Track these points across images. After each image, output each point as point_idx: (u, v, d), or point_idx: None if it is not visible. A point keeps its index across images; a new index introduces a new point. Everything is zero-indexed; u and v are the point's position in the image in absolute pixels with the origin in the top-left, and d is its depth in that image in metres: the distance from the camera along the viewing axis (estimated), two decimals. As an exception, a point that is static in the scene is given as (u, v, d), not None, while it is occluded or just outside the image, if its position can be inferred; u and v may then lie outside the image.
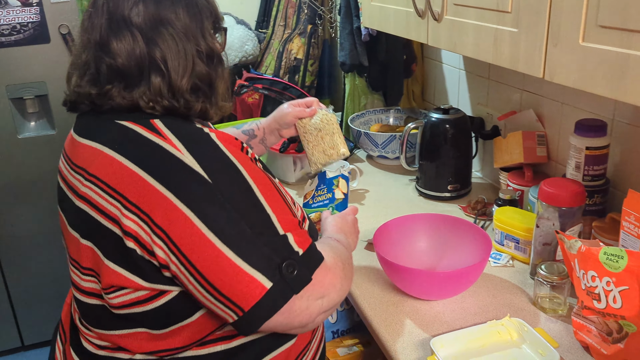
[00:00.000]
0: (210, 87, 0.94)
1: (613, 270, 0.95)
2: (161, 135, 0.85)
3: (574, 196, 1.16)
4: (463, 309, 1.18)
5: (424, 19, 1.34)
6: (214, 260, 0.80)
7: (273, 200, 0.87)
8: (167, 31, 0.89)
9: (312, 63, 2.59)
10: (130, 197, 0.82)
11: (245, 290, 0.81)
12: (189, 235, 0.80)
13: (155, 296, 0.86)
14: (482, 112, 1.74)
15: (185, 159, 0.82)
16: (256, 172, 0.87)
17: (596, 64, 0.86)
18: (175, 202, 0.80)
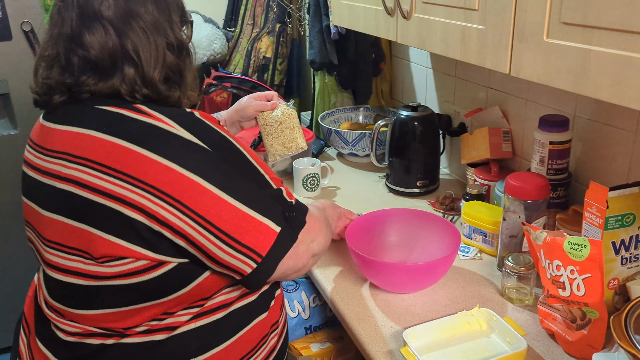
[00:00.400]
0: (180, 77, 0.98)
1: (577, 259, 0.98)
2: (149, 115, 0.89)
3: (538, 189, 1.20)
4: (434, 301, 1.20)
5: (393, 17, 1.36)
6: (230, 214, 0.88)
7: (260, 163, 0.98)
8: (137, 24, 0.92)
9: (281, 62, 2.59)
10: (131, 172, 0.85)
11: (260, 237, 0.91)
12: (201, 197, 0.86)
13: (155, 266, 0.89)
14: (450, 110, 1.78)
15: (181, 133, 0.87)
16: (240, 142, 0.97)
17: (560, 59, 0.89)
18: (181, 171, 0.85)
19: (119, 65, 0.92)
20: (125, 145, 0.86)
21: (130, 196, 0.85)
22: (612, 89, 0.81)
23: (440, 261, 1.17)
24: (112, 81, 0.92)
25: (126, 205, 0.85)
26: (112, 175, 0.85)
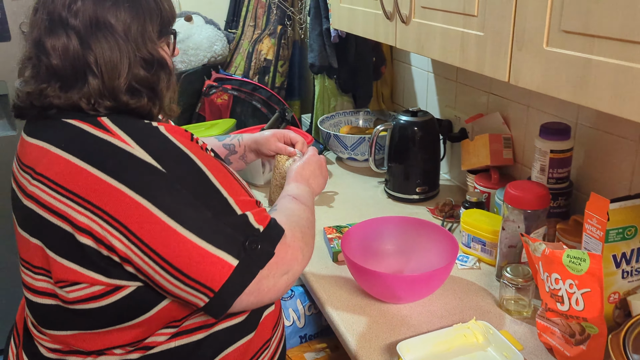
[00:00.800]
0: (152, 92, 0.92)
1: (576, 272, 0.96)
2: (108, 132, 0.84)
3: (538, 199, 1.17)
4: (430, 312, 1.18)
5: (392, 21, 1.33)
6: (178, 245, 0.81)
7: (228, 184, 0.89)
8: (103, 34, 0.87)
9: (282, 64, 2.57)
10: (81, 193, 0.81)
11: (213, 271, 0.82)
12: (149, 225, 0.80)
13: (112, 291, 0.85)
14: (450, 115, 1.75)
15: (135, 152, 0.82)
16: (208, 159, 0.88)
17: (560, 68, 0.86)
18: (130, 194, 0.80)
19: (81, 75, 0.87)
20: (78, 163, 0.82)
21: (79, 218, 0.81)
22: (612, 100, 0.78)
23: (437, 272, 1.15)
24: (72, 93, 0.87)
25: (76, 228, 0.81)
26: (65, 195, 0.82)
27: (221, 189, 0.87)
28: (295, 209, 1.03)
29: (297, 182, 1.15)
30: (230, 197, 0.87)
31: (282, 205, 1.05)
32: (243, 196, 0.90)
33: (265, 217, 0.90)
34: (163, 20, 0.94)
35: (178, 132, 0.88)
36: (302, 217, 1.01)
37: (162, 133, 0.86)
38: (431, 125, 1.63)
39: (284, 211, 1.01)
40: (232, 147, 1.40)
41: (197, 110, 2.50)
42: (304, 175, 1.18)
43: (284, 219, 0.96)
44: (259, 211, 0.90)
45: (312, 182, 1.18)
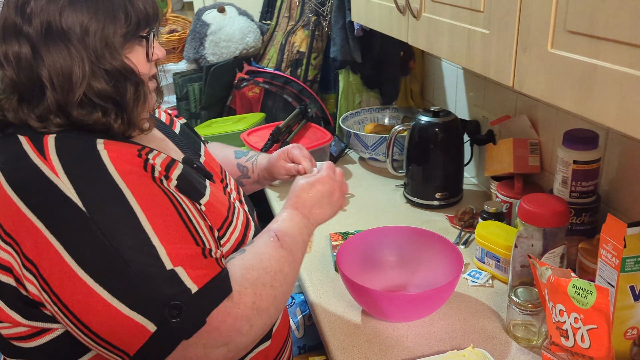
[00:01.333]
0: (116, 105, 0.81)
1: (581, 306, 0.84)
2: (44, 156, 0.75)
3: (555, 216, 1.05)
4: (429, 333, 1.09)
5: (405, 15, 1.23)
6: (88, 300, 0.70)
7: (166, 228, 0.74)
8: (54, 42, 0.76)
9: (316, 56, 2.49)
10: (5, 225, 0.74)
11: (126, 334, 0.71)
12: (58, 271, 0.71)
13: (37, 334, 0.78)
14: (479, 115, 1.63)
15: (60, 183, 0.72)
16: (150, 196, 0.75)
17: (564, 74, 0.75)
18: (44, 232, 0.71)
19: (38, 89, 0.78)
20: (7, 190, 0.74)
21: (1, 253, 0.74)
22: (619, 114, 0.67)
23: (435, 292, 1.05)
24: (30, 107, 0.78)
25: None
26: (4, 218, 0.74)
27: (152, 234, 0.73)
28: (266, 257, 0.84)
29: (294, 210, 0.94)
30: (162, 245, 0.73)
31: (254, 247, 0.86)
32: (182, 244, 0.75)
33: (207, 273, 0.75)
34: (131, 21, 0.80)
35: (125, 159, 0.77)
36: (268, 272, 0.82)
37: (100, 161, 0.75)
38: (454, 127, 1.51)
39: (250, 258, 0.83)
40: (245, 171, 1.24)
41: (228, 103, 2.47)
42: (305, 200, 0.95)
43: (240, 273, 0.79)
44: (201, 264, 0.75)
45: (314, 211, 0.95)
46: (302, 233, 0.92)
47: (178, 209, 0.78)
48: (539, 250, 1.09)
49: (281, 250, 0.86)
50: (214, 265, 0.77)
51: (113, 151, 0.77)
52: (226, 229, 0.89)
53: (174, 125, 1.07)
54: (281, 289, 0.83)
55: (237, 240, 0.91)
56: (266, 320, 0.80)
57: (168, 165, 0.82)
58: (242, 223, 0.94)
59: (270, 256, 0.84)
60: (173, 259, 0.73)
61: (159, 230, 0.74)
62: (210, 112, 2.44)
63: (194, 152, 1.03)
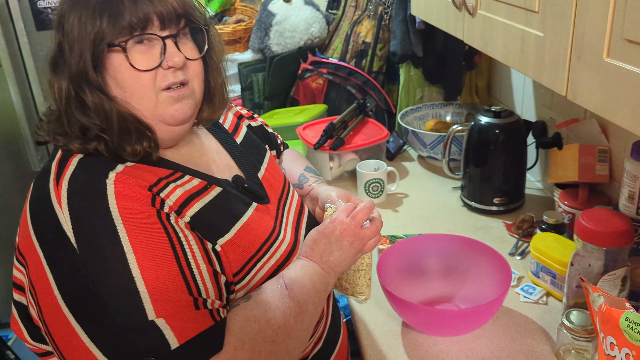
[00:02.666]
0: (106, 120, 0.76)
1: (634, 342, 0.76)
2: (57, 180, 0.73)
3: (617, 235, 0.96)
4: (471, 351, 1.03)
5: (461, 12, 1.16)
6: (69, 338, 0.69)
7: (156, 273, 0.69)
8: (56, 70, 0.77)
9: (382, 47, 2.42)
10: (20, 244, 0.75)
11: None
12: (49, 302, 0.70)
13: (45, 355, 0.79)
14: (545, 116, 1.52)
15: (60, 215, 0.70)
16: (146, 235, 0.71)
17: (619, 86, 0.67)
18: (42, 259, 0.71)
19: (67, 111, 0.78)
20: (26, 210, 0.75)
21: (15, 273, 0.76)
22: (677, 137, 0.58)
23: (479, 309, 1.00)
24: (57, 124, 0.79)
25: (14, 283, 0.76)
26: (19, 240, 0.76)
27: (139, 280, 0.68)
28: (271, 308, 0.77)
29: (305, 259, 0.87)
30: (148, 292, 0.68)
31: (260, 295, 0.79)
32: (173, 294, 0.69)
33: (194, 326, 0.69)
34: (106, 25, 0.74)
35: (128, 196, 0.72)
36: (271, 325, 0.75)
37: (104, 195, 0.71)
38: (516, 128, 1.42)
39: (254, 307, 0.76)
40: (302, 184, 1.13)
41: (292, 94, 2.46)
42: (313, 249, 0.87)
43: (239, 325, 0.74)
44: (189, 317, 0.69)
45: (325, 258, 0.86)
46: (314, 282, 0.84)
47: (177, 252, 0.73)
48: (598, 271, 1.00)
49: (288, 300, 0.79)
50: (205, 318, 0.71)
51: (121, 184, 0.73)
52: (251, 267, 0.82)
53: (237, 132, 1.01)
54: (284, 344, 0.76)
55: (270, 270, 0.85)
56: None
57: (183, 203, 0.78)
58: (282, 253, 0.87)
59: (275, 307, 0.77)
60: (157, 309, 0.68)
61: (148, 275, 0.69)
62: (273, 102, 2.44)
63: (253, 166, 0.96)
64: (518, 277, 1.22)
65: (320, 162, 1.67)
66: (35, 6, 2.10)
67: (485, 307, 1.00)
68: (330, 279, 0.87)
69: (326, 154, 1.65)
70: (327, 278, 0.86)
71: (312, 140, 1.66)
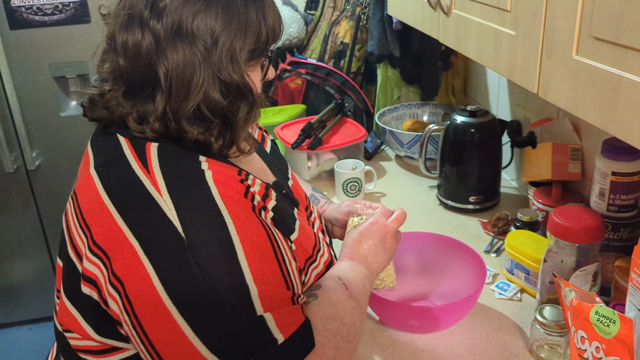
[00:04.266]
0: (225, 121, 0.75)
1: (603, 335, 0.78)
2: (146, 168, 0.71)
3: (588, 231, 0.98)
4: (446, 348, 1.04)
5: (436, 11, 1.17)
6: (168, 331, 0.66)
7: (261, 267, 0.69)
8: (182, 43, 0.72)
9: (360, 48, 2.43)
10: (96, 234, 0.70)
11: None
12: (144, 294, 0.66)
13: (107, 351, 0.74)
14: (520, 115, 1.54)
15: (162, 203, 0.68)
16: (250, 228, 0.70)
17: (588, 84, 0.68)
18: (138, 250, 0.67)
19: (148, 87, 0.73)
20: (103, 196, 0.70)
21: (86, 265, 0.70)
22: (643, 133, 0.60)
23: (455, 305, 1.01)
24: (135, 102, 0.74)
25: (82, 274, 0.71)
26: (84, 231, 0.71)
27: (247, 273, 0.68)
28: (341, 307, 0.78)
29: (353, 261, 0.89)
30: (256, 286, 0.67)
31: (325, 293, 0.80)
32: (275, 287, 0.70)
33: (293, 321, 0.70)
34: (260, 38, 0.75)
35: (228, 184, 0.72)
36: (345, 323, 0.77)
37: (205, 184, 0.70)
38: (491, 127, 1.43)
39: (326, 306, 0.78)
40: (316, 203, 1.16)
41: (270, 94, 2.45)
42: (359, 251, 0.90)
43: (321, 322, 0.74)
44: (289, 311, 0.70)
45: (371, 259, 0.90)
46: (365, 284, 0.87)
47: (274, 246, 0.73)
48: (570, 267, 1.01)
49: (351, 300, 0.81)
50: (299, 314, 0.72)
51: (218, 172, 0.73)
52: (308, 267, 0.84)
53: (265, 143, 1.01)
54: (355, 343, 0.78)
55: (317, 275, 0.86)
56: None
57: (264, 194, 0.77)
58: (325, 261, 0.88)
59: (344, 306, 0.79)
60: (264, 304, 0.68)
61: (255, 268, 0.68)
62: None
63: (283, 175, 0.96)
64: (493, 274, 1.23)
65: (298, 161, 1.67)
66: (9, 5, 2.06)
67: (460, 304, 1.01)
68: (373, 280, 0.91)
69: (304, 153, 1.65)
70: (372, 279, 0.90)
71: (290, 139, 1.66)
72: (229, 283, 0.67)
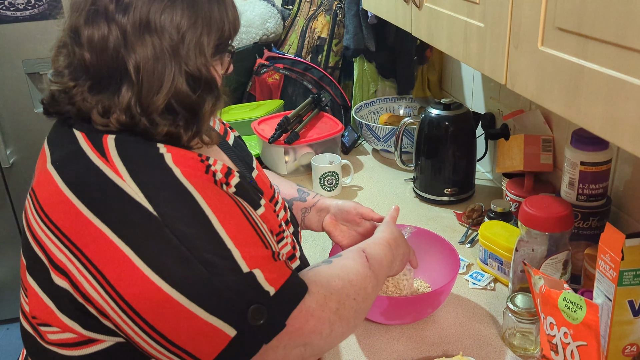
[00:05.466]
0: (191, 114, 0.77)
1: (571, 320, 0.79)
2: (105, 157, 0.71)
3: (558, 220, 1.00)
4: (421, 338, 1.05)
5: (408, 4, 1.18)
6: (162, 306, 0.68)
7: (238, 231, 0.73)
8: (152, 39, 0.72)
9: (337, 43, 2.44)
10: (62, 226, 0.71)
11: (204, 341, 0.69)
12: (129, 277, 0.67)
13: (84, 342, 0.74)
14: (494, 108, 1.56)
15: (126, 187, 0.69)
16: (218, 199, 0.73)
17: (553, 74, 0.70)
18: (112, 237, 0.68)
19: (115, 81, 0.73)
20: (64, 190, 0.71)
21: (57, 255, 0.70)
22: (604, 121, 0.61)
23: (428, 296, 1.02)
24: (101, 97, 0.73)
25: (52, 265, 0.71)
26: (46, 224, 0.71)
27: (226, 238, 0.71)
28: (353, 272, 0.83)
29: (389, 245, 0.94)
30: (237, 248, 0.71)
31: (341, 260, 0.86)
32: (255, 247, 0.73)
33: (281, 275, 0.73)
34: (223, 34, 0.78)
35: (188, 164, 0.73)
36: (353, 285, 0.81)
37: (165, 164, 0.72)
38: (465, 120, 1.45)
39: (337, 268, 0.83)
40: (304, 196, 1.18)
41: (248, 89, 2.45)
42: (400, 247, 0.97)
43: (326, 279, 0.79)
44: (274, 267, 0.73)
45: (398, 259, 0.97)
46: (387, 267, 0.92)
47: (244, 212, 0.76)
48: (541, 255, 1.03)
49: (368, 270, 0.85)
50: (284, 268, 0.75)
51: (176, 155, 0.74)
52: (278, 242, 0.87)
53: (227, 136, 1.03)
54: (363, 304, 0.82)
55: (287, 254, 0.88)
56: (345, 330, 0.79)
57: (227, 172, 0.79)
58: (290, 243, 0.91)
59: (357, 271, 0.84)
60: (249, 262, 0.71)
61: (231, 233, 0.71)
62: (229, 98, 2.42)
63: (247, 166, 0.99)
64: (467, 265, 1.25)
65: (275, 156, 1.67)
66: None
67: (434, 294, 1.02)
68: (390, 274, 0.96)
69: (281, 147, 1.65)
70: (390, 271, 0.95)
71: (267, 134, 1.66)
72: (211, 249, 0.69)
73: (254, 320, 0.69)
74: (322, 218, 1.12)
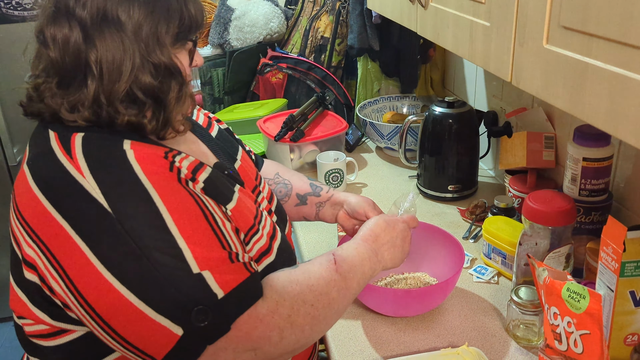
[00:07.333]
0: (156, 102, 0.79)
1: (574, 310, 0.82)
2: (70, 155, 0.74)
3: (561, 214, 1.02)
4: (427, 329, 1.08)
5: (414, 4, 1.20)
6: (115, 304, 0.70)
7: (193, 231, 0.73)
8: (109, 30, 0.75)
9: (340, 42, 2.46)
10: (30, 222, 0.73)
11: (153, 339, 0.70)
12: (85, 273, 0.70)
13: (57, 333, 0.78)
14: (497, 106, 1.58)
15: (85, 184, 0.71)
16: (176, 197, 0.74)
17: (558, 71, 0.72)
18: (70, 233, 0.70)
19: (80, 76, 0.76)
20: (32, 187, 0.73)
21: (26, 250, 0.74)
22: (608, 116, 0.64)
23: (434, 288, 1.04)
24: (69, 92, 0.76)
25: (23, 260, 0.75)
26: (19, 220, 0.75)
27: (178, 237, 0.72)
28: (315, 276, 0.83)
29: (363, 241, 0.93)
30: (189, 248, 0.72)
31: (306, 265, 0.86)
32: (209, 249, 0.74)
33: (235, 278, 0.74)
34: (183, 23, 0.81)
35: (150, 160, 0.75)
36: (313, 290, 0.81)
37: (126, 161, 0.74)
38: (468, 118, 1.48)
39: (299, 273, 0.83)
40: (318, 190, 1.19)
41: (252, 88, 2.47)
42: (378, 235, 0.95)
43: (282, 284, 0.79)
44: (228, 269, 0.74)
45: (384, 250, 0.95)
46: (364, 265, 0.90)
47: (204, 211, 0.77)
48: (544, 249, 1.06)
49: (334, 274, 0.84)
50: (241, 270, 0.76)
51: (139, 152, 0.76)
52: (251, 237, 0.87)
53: (211, 128, 1.05)
54: (323, 311, 0.81)
55: (260, 249, 0.88)
56: (299, 337, 0.79)
57: (195, 168, 0.81)
58: (267, 233, 0.91)
59: (320, 276, 0.83)
60: (200, 263, 0.72)
61: (185, 232, 0.72)
62: (233, 97, 2.44)
63: (229, 157, 1.01)
64: (471, 259, 1.28)
65: (281, 153, 1.69)
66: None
67: (439, 287, 1.05)
68: (378, 268, 0.93)
69: (287, 145, 1.67)
70: (377, 266, 0.93)
71: (272, 132, 1.69)
72: (162, 248, 0.71)
73: (198, 322, 0.70)
74: (336, 212, 1.14)
